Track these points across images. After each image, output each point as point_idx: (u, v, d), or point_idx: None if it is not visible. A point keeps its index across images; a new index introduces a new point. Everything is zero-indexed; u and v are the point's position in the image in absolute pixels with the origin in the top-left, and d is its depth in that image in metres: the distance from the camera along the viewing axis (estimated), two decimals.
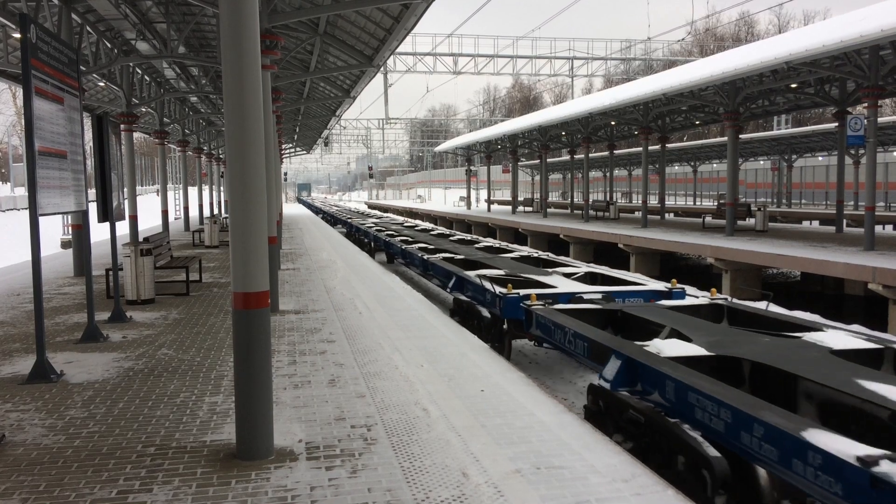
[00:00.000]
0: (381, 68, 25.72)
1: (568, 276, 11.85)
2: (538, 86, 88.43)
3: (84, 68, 15.44)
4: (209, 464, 4.62)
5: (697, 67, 22.92)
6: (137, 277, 10.92)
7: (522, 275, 11.62)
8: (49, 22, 13.52)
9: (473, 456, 4.71)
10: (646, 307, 8.52)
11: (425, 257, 14.90)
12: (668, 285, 10.20)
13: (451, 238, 21.65)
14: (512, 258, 14.84)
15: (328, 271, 15.18)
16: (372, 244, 24.45)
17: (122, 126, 18.44)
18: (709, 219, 28.66)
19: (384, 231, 24.70)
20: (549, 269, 12.54)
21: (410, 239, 20.51)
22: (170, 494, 4.16)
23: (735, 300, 9.64)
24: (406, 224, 31.87)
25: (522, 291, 9.45)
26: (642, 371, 5.86)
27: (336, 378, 6.67)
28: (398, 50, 26.54)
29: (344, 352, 7.75)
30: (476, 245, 18.60)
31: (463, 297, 11.29)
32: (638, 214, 36.98)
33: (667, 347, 6.27)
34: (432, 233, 24.47)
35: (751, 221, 25.60)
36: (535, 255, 15.44)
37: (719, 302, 8.65)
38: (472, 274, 11.39)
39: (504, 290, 9.40)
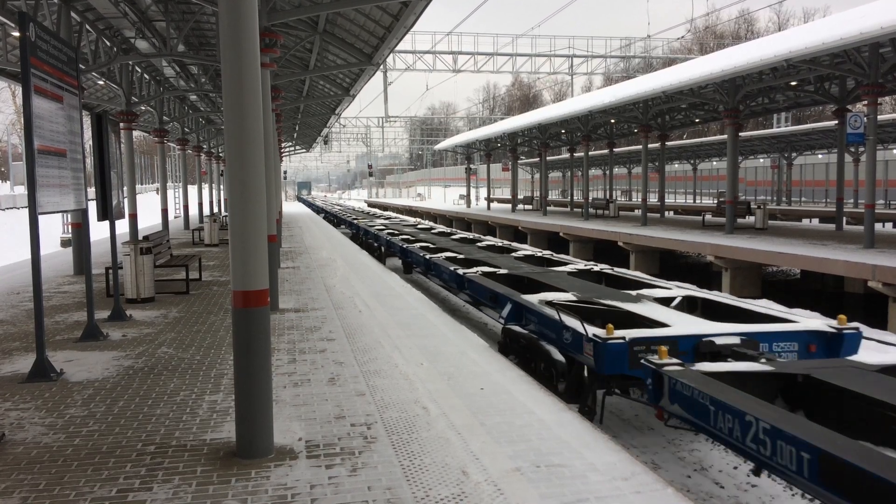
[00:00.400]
0: (381, 66, 25.71)
1: (663, 301, 8.97)
2: (538, 84, 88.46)
3: (83, 67, 15.43)
4: (209, 462, 4.63)
5: (697, 65, 22.92)
6: (137, 276, 10.92)
7: (603, 301, 8.73)
8: (48, 20, 13.51)
9: (473, 454, 4.72)
10: (841, 369, 5.66)
11: (461, 272, 11.86)
12: (833, 323, 7.24)
13: (479, 244, 18.13)
14: (568, 273, 11.82)
15: (328, 270, 15.18)
16: (383, 249, 21.77)
17: (121, 124, 18.43)
18: (709, 217, 28.66)
19: (398, 235, 21.78)
20: (633, 292, 9.43)
21: (432, 245, 17.57)
22: (170, 493, 4.16)
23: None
24: (420, 226, 28.13)
25: (628, 333, 6.67)
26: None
27: (336, 376, 6.67)
28: (398, 48, 26.54)
29: (344, 350, 7.75)
30: (514, 254, 15.15)
31: (520, 330, 8.54)
32: (638, 212, 36.98)
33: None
34: (454, 237, 21.28)
35: (751, 219, 25.60)
36: (597, 268, 12.15)
37: None
38: (535, 300, 8.70)
39: (601, 333, 6.60)
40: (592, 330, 6.82)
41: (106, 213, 8.77)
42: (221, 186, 43.68)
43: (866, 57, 16.88)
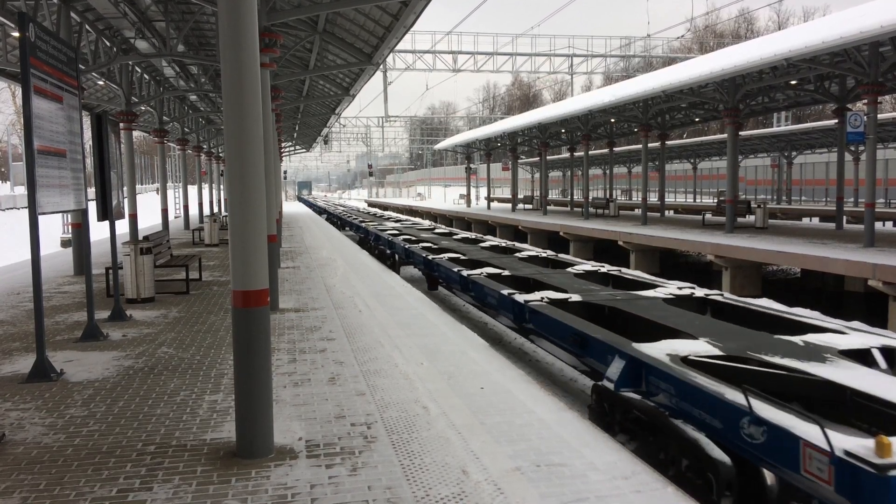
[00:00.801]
0: (381, 66, 25.70)
1: (851, 354, 6.27)
2: (538, 83, 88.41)
3: (83, 67, 15.43)
4: (209, 462, 4.63)
5: (697, 64, 22.92)
6: (137, 276, 10.92)
7: (757, 356, 6.18)
8: (48, 20, 13.51)
9: (473, 454, 4.72)
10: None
11: (524, 300, 9.28)
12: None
13: (517, 255, 15.30)
14: (663, 300, 9.23)
15: (328, 269, 15.18)
16: (398, 257, 19.51)
17: (121, 124, 18.43)
18: (709, 216, 28.66)
19: (417, 242, 19.14)
20: (798, 339, 6.77)
21: (462, 256, 15.18)
22: (170, 493, 4.16)
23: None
24: (437, 230, 24.82)
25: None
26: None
27: (336, 376, 6.67)
28: (397, 48, 26.52)
29: (344, 350, 7.75)
30: (572, 268, 12.72)
31: (634, 397, 6.05)
32: (638, 212, 36.97)
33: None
34: (483, 244, 18.32)
35: (751, 218, 25.59)
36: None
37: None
38: (662, 354, 6.17)
39: (866, 453, 3.86)
40: (848, 444, 3.98)
41: (106, 213, 8.77)
42: (221, 186, 43.69)
43: (866, 56, 16.87)
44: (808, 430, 4.10)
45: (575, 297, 9.33)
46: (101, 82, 22.60)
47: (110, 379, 6.66)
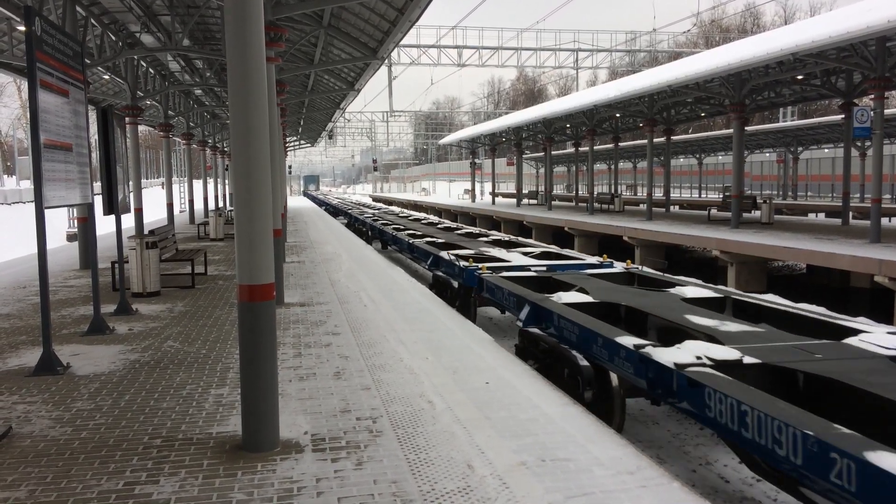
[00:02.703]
0: (386, 61, 25.64)
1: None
2: (542, 78, 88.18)
3: (89, 61, 15.45)
4: (215, 455, 4.64)
5: (703, 59, 22.82)
6: (143, 270, 10.95)
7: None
8: (53, 15, 13.52)
9: (478, 448, 4.72)
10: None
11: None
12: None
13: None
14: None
15: (333, 264, 15.19)
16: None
17: (126, 119, 18.42)
18: (714, 211, 28.58)
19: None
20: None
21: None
22: (176, 486, 4.18)
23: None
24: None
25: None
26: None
27: (341, 370, 6.68)
28: (402, 42, 26.45)
29: (349, 344, 7.76)
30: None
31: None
32: (643, 207, 36.88)
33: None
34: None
35: (756, 214, 25.51)
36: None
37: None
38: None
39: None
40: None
41: (112, 207, 8.79)
42: (226, 181, 43.73)
43: (873, 51, 16.78)
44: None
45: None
46: (106, 76, 22.66)
47: (116, 372, 6.68)
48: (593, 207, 32.04)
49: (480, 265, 11.68)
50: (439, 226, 24.79)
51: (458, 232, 20.96)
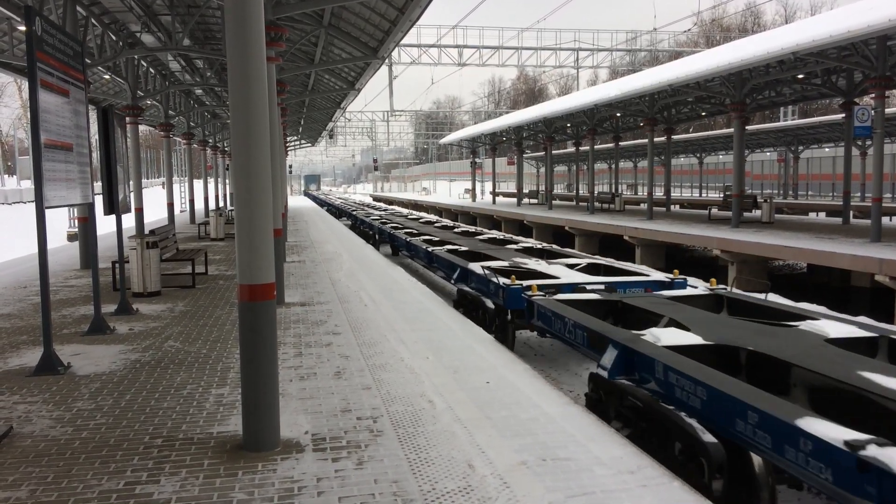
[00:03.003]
0: (386, 60, 25.64)
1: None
2: (543, 77, 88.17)
3: (89, 61, 15.45)
4: (216, 455, 4.64)
5: (703, 58, 22.81)
6: (143, 270, 10.95)
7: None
8: (54, 14, 13.52)
9: (479, 448, 4.72)
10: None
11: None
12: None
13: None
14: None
15: (333, 264, 15.19)
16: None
17: (127, 119, 18.44)
18: (715, 210, 28.58)
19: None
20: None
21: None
22: (177, 486, 4.18)
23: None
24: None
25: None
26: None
27: (342, 370, 6.68)
28: (403, 42, 26.45)
29: (349, 344, 7.76)
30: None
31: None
32: (643, 206, 36.88)
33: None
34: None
35: (757, 213, 25.50)
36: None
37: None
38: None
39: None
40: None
41: (112, 207, 8.79)
42: (227, 181, 43.73)
43: (874, 49, 16.77)
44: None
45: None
46: (106, 76, 22.65)
47: (117, 372, 6.68)
48: (594, 207, 32.04)
49: (525, 282, 9.71)
50: (456, 230, 22.10)
51: (481, 238, 18.53)
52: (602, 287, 9.78)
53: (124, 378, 6.48)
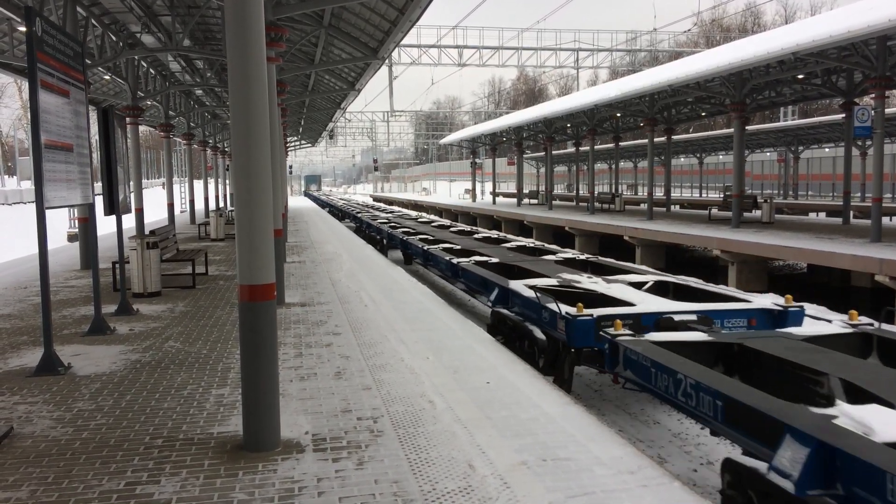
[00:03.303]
0: (386, 61, 25.63)
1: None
2: (543, 78, 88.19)
3: (89, 61, 15.45)
4: (216, 455, 4.65)
5: (703, 58, 22.82)
6: (144, 270, 10.95)
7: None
8: (54, 15, 13.53)
9: (479, 448, 4.72)
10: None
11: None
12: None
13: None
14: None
15: (333, 264, 15.20)
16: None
17: (127, 119, 18.44)
18: (715, 211, 28.58)
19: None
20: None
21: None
22: (178, 486, 4.18)
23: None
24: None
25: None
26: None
27: (342, 370, 6.69)
28: (403, 42, 26.45)
29: (350, 344, 7.77)
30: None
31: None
32: (643, 207, 36.87)
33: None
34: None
35: (757, 213, 25.50)
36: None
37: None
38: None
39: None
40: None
41: (112, 207, 8.80)
42: (227, 181, 43.73)
43: (874, 50, 16.77)
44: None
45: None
46: (107, 77, 22.66)
47: (117, 373, 6.68)
48: (594, 207, 32.05)
49: (596, 311, 7.49)
50: (475, 236, 19.42)
51: (508, 245, 16.14)
52: (694, 318, 7.53)
53: (125, 378, 6.49)
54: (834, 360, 5.53)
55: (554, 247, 16.91)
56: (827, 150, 43.48)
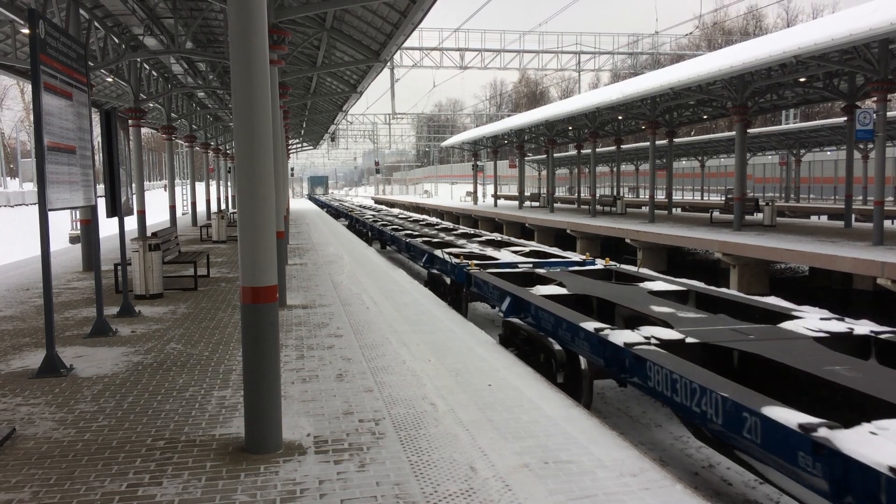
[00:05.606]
0: (388, 63, 25.64)
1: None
2: (545, 80, 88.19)
3: (92, 64, 15.48)
4: (218, 457, 4.65)
5: (705, 61, 22.81)
6: (146, 272, 10.96)
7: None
8: (57, 17, 13.57)
9: (481, 450, 4.72)
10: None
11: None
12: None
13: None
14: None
15: (335, 266, 15.20)
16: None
17: (130, 121, 18.49)
18: (716, 213, 28.55)
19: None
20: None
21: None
22: (179, 488, 4.19)
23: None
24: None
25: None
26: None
27: (344, 372, 6.69)
28: (405, 45, 26.51)
29: (351, 346, 7.77)
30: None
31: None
32: (645, 209, 36.87)
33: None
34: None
35: (759, 216, 25.47)
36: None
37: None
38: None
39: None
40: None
41: (115, 209, 8.81)
42: (229, 183, 43.78)
43: (876, 53, 16.77)
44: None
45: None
46: (109, 79, 22.72)
47: (119, 374, 6.69)
48: (595, 209, 32.02)
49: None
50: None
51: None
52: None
53: (127, 380, 6.49)
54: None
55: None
56: (829, 153, 43.46)
